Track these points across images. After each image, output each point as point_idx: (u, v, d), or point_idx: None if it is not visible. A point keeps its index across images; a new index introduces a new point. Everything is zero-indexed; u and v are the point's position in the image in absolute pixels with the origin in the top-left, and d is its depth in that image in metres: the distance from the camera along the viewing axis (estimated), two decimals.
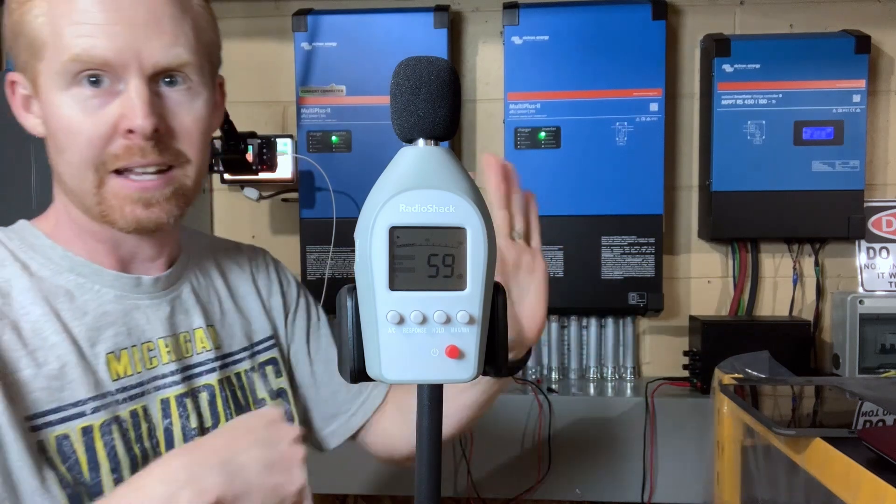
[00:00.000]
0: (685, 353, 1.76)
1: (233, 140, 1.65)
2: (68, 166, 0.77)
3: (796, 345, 1.67)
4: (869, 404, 1.10)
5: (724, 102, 1.72)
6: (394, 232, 0.42)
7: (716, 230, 1.75)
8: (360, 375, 0.44)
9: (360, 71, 1.77)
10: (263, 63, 1.90)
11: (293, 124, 1.83)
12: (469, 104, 1.89)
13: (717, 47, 1.71)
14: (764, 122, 1.71)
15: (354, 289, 0.44)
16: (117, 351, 0.80)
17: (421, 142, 0.44)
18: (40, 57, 0.75)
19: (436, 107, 0.44)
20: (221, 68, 0.87)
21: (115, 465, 0.76)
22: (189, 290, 0.90)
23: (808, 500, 0.98)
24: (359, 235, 0.43)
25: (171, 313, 0.86)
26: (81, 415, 0.75)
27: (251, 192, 1.89)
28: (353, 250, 0.44)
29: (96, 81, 0.74)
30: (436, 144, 0.45)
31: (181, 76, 0.77)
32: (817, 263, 1.82)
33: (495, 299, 0.45)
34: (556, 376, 1.85)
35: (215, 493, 0.68)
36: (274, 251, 1.08)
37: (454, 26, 1.87)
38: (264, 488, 0.71)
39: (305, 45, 1.78)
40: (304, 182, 1.79)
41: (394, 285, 0.42)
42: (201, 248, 0.97)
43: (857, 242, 1.77)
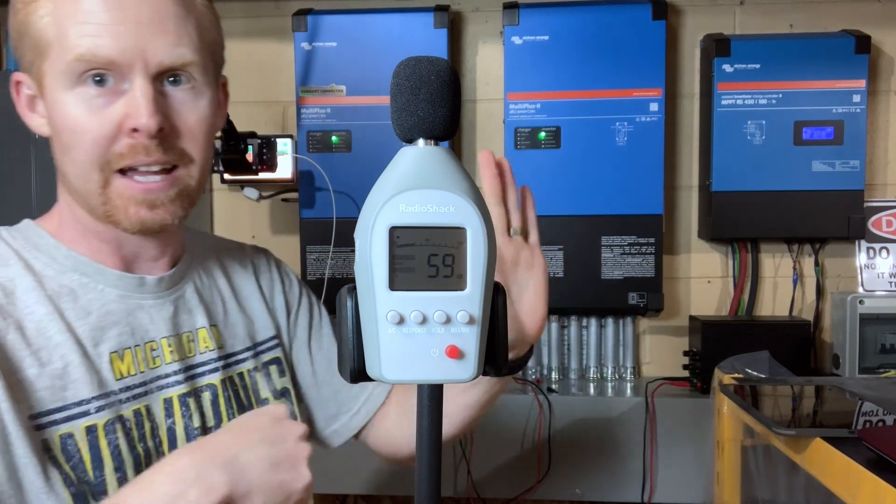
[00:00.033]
0: (685, 353, 1.76)
1: (233, 140, 1.65)
2: (73, 165, 0.77)
3: (796, 345, 1.67)
4: (869, 404, 1.10)
5: (724, 102, 1.72)
6: (394, 232, 0.42)
7: (716, 230, 1.75)
8: (360, 375, 0.44)
9: (360, 71, 1.77)
10: (263, 63, 1.90)
11: (293, 124, 1.83)
12: (469, 104, 1.89)
13: (717, 47, 1.71)
14: (764, 122, 1.71)
15: (354, 289, 0.44)
16: (121, 350, 0.80)
17: (421, 142, 0.44)
18: (45, 57, 0.75)
19: (436, 107, 0.44)
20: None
21: (119, 464, 0.76)
22: (192, 290, 0.90)
23: (808, 500, 0.98)
24: (359, 235, 0.43)
25: (174, 313, 0.86)
26: (85, 414, 0.75)
27: (251, 192, 1.89)
28: (353, 250, 0.44)
29: (101, 81, 0.74)
30: (436, 144, 0.44)
31: (185, 75, 0.78)
32: (817, 263, 1.82)
33: (495, 299, 0.45)
34: (556, 376, 1.85)
35: (222, 491, 0.68)
36: (274, 251, 1.08)
37: (454, 26, 1.87)
38: (271, 486, 0.71)
39: (305, 45, 1.78)
40: (304, 182, 1.79)
41: (394, 285, 0.42)
42: (205, 248, 0.97)
43: (857, 242, 1.77)
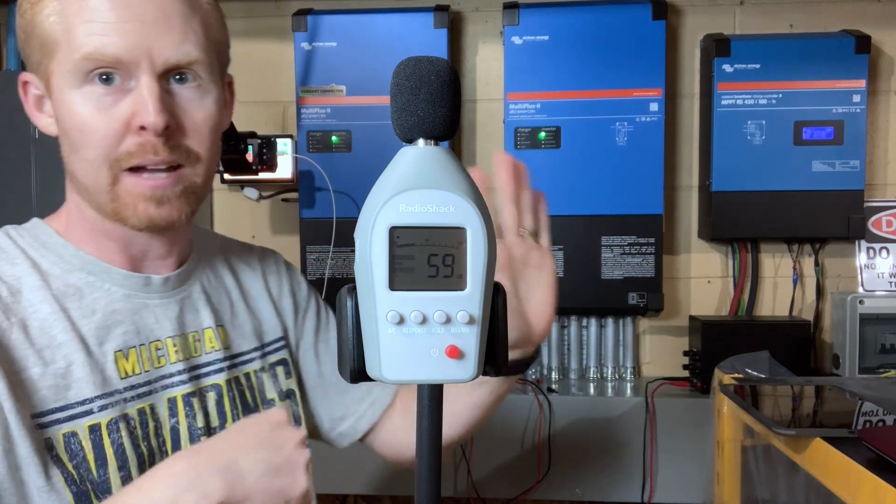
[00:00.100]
0: (685, 353, 1.76)
1: (233, 140, 1.65)
2: (82, 164, 0.77)
3: (796, 345, 1.67)
4: (869, 404, 1.10)
5: (724, 102, 1.72)
6: (394, 232, 0.42)
7: (716, 230, 1.75)
8: (360, 375, 0.44)
9: (360, 71, 1.77)
10: (263, 63, 1.90)
11: (293, 124, 1.83)
12: (469, 104, 1.89)
13: (717, 47, 1.71)
14: (764, 122, 1.71)
15: (354, 289, 0.44)
16: (125, 349, 0.80)
17: (421, 142, 0.44)
18: (52, 56, 0.75)
19: (436, 107, 0.44)
20: None
21: (123, 463, 0.77)
22: (199, 290, 0.90)
23: (808, 500, 0.98)
24: (359, 235, 0.43)
25: (180, 313, 0.86)
26: (89, 413, 0.76)
27: (251, 192, 1.89)
28: (353, 250, 0.44)
29: (108, 79, 0.74)
30: (436, 144, 0.44)
31: (191, 74, 0.78)
32: (817, 263, 1.82)
33: (495, 299, 0.45)
34: (556, 376, 1.85)
35: (218, 497, 0.68)
36: None
37: (454, 26, 1.87)
38: (268, 492, 0.70)
39: (305, 45, 1.77)
40: (304, 182, 1.79)
41: (394, 285, 0.42)
42: (213, 248, 0.97)
43: (857, 242, 1.77)
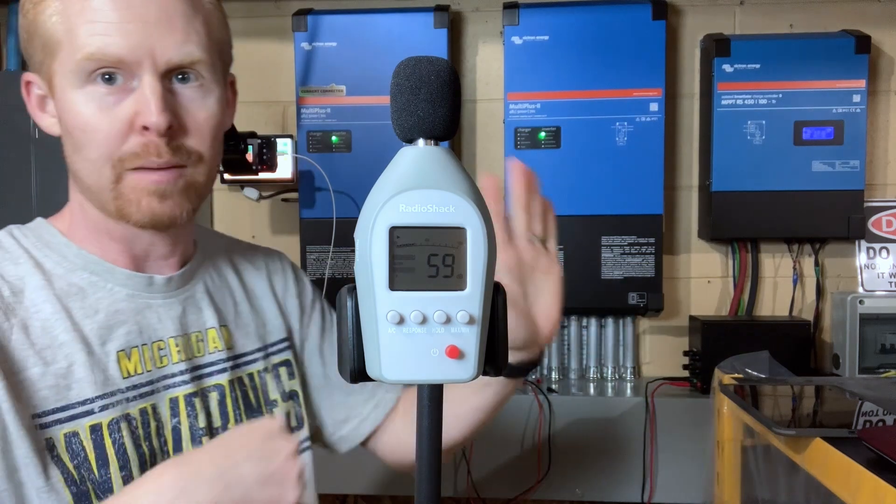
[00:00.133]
0: (685, 353, 1.76)
1: (233, 140, 1.65)
2: (85, 163, 0.77)
3: (796, 345, 1.67)
4: (869, 404, 1.10)
5: (724, 102, 1.72)
6: (394, 232, 0.42)
7: (716, 230, 1.75)
8: (359, 375, 0.44)
9: (360, 71, 1.77)
10: (263, 63, 1.90)
11: (293, 124, 1.83)
12: (469, 104, 1.89)
13: (717, 47, 1.71)
14: (764, 122, 1.71)
15: (354, 289, 0.44)
16: (128, 349, 0.80)
17: (421, 142, 0.44)
18: (55, 56, 0.75)
19: (436, 107, 0.44)
20: None
21: (124, 463, 0.77)
22: (203, 290, 0.90)
23: (808, 500, 0.98)
24: (359, 235, 0.43)
25: (183, 313, 0.86)
26: (89, 413, 0.76)
27: (251, 192, 1.89)
28: (353, 250, 0.44)
29: (110, 79, 0.74)
30: (436, 144, 0.44)
31: (193, 73, 0.78)
32: (817, 263, 1.82)
33: (495, 299, 0.45)
34: (556, 376, 1.85)
35: None
36: None
37: (454, 26, 1.87)
38: (257, 503, 0.70)
39: (305, 45, 1.77)
40: (304, 182, 1.79)
41: (394, 285, 0.42)
42: (217, 248, 0.97)
43: (857, 242, 1.77)
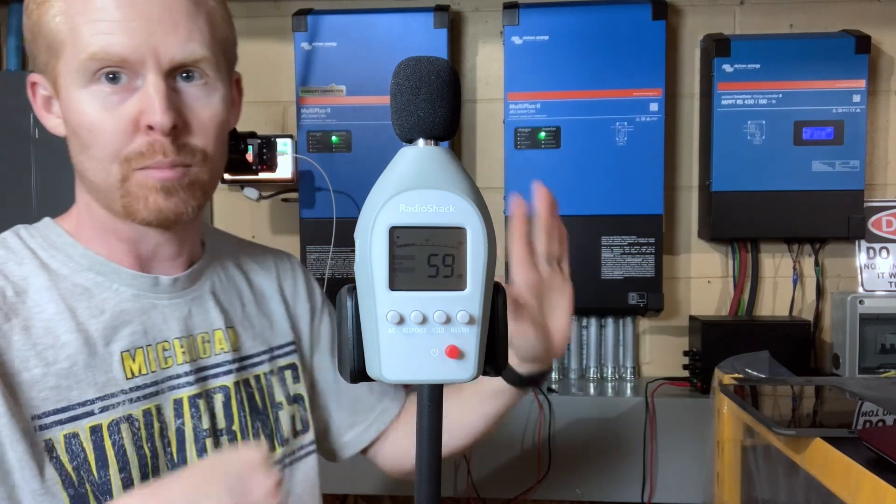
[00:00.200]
0: (685, 353, 1.76)
1: (233, 140, 1.65)
2: (92, 162, 0.77)
3: (796, 345, 1.67)
4: (869, 404, 1.10)
5: (724, 102, 1.72)
6: (394, 232, 0.42)
7: (716, 230, 1.75)
8: (360, 375, 0.45)
9: (360, 71, 1.77)
10: (263, 63, 1.90)
11: (293, 124, 1.83)
12: (469, 104, 1.89)
13: (717, 47, 1.71)
14: (764, 122, 1.71)
15: (354, 289, 0.44)
16: (132, 350, 0.80)
17: (421, 142, 0.44)
18: (59, 56, 0.75)
19: (436, 107, 0.44)
20: None
21: (124, 464, 0.76)
22: (210, 291, 0.89)
23: (808, 500, 0.98)
24: (359, 235, 0.43)
25: (189, 314, 0.86)
26: (90, 414, 0.75)
27: (251, 192, 1.89)
28: (353, 250, 0.44)
29: (114, 78, 0.74)
30: (436, 144, 0.45)
31: (197, 72, 0.78)
32: (817, 263, 1.82)
33: (495, 299, 0.45)
34: (556, 376, 1.85)
35: None
36: None
37: (454, 26, 1.87)
38: None
39: (305, 45, 1.77)
40: (304, 182, 1.79)
41: (394, 285, 0.42)
42: (226, 248, 0.97)
43: (857, 242, 1.77)
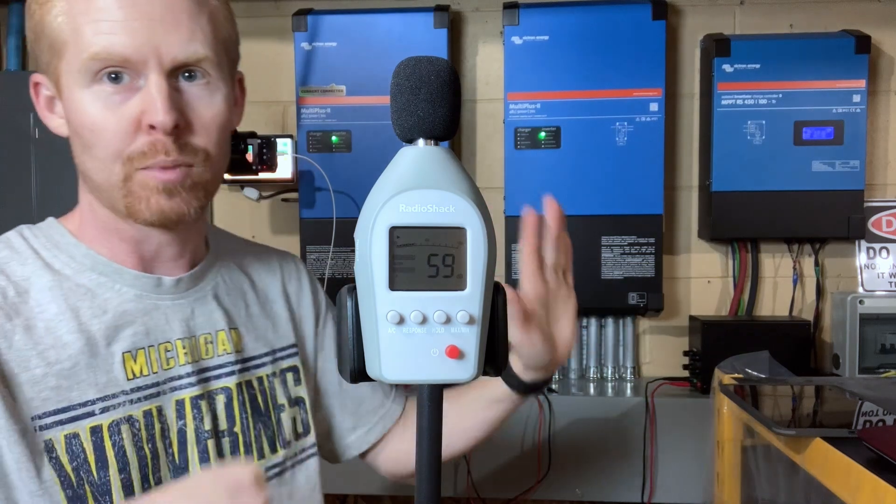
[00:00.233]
0: (685, 353, 1.76)
1: (233, 140, 1.65)
2: (95, 162, 0.77)
3: (796, 345, 1.67)
4: (869, 404, 1.10)
5: (724, 102, 1.72)
6: (394, 232, 0.42)
7: (716, 230, 1.75)
8: (360, 375, 0.45)
9: (360, 71, 1.77)
10: (263, 63, 1.90)
11: (293, 124, 1.83)
12: (469, 104, 1.89)
13: (717, 47, 1.71)
14: (764, 122, 1.71)
15: (354, 289, 0.44)
16: (134, 350, 0.80)
17: (421, 142, 0.44)
18: (61, 56, 0.75)
19: (436, 107, 0.44)
20: None
21: (124, 465, 0.76)
22: (213, 292, 0.89)
23: (808, 500, 0.98)
24: (359, 235, 0.43)
25: (191, 314, 0.86)
26: (90, 414, 0.75)
27: (251, 192, 1.89)
28: (353, 250, 0.44)
29: (116, 78, 0.74)
30: (436, 144, 0.45)
31: (200, 71, 0.77)
32: (817, 263, 1.82)
33: (495, 299, 0.45)
34: (556, 376, 1.85)
35: None
36: None
37: (454, 26, 1.87)
38: None
39: (305, 45, 1.77)
40: (304, 182, 1.79)
41: (394, 285, 0.42)
42: (230, 249, 0.96)
43: (857, 242, 1.77)
